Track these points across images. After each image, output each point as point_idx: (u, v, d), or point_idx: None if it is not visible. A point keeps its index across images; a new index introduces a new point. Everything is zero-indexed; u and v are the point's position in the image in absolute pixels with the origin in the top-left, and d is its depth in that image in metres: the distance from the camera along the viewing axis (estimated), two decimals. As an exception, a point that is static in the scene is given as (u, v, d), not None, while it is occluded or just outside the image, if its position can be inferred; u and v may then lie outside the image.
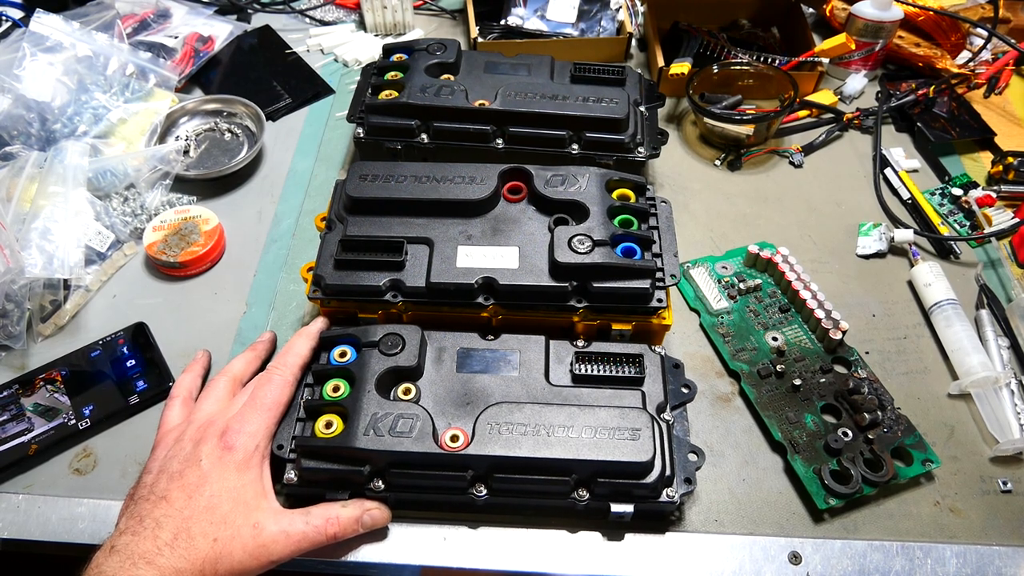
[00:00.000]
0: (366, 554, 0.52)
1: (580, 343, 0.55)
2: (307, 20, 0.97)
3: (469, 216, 0.59)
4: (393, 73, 0.74)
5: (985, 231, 0.72)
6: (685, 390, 0.55)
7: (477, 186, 0.60)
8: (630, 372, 0.53)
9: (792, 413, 0.58)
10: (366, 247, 0.57)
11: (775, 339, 0.62)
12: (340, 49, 0.92)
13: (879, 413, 0.57)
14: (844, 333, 0.61)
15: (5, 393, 0.58)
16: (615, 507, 0.50)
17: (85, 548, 0.52)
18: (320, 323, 0.57)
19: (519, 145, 0.70)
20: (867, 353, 0.63)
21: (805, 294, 0.63)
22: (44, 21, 0.78)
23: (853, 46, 0.84)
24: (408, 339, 0.53)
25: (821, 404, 0.58)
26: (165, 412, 0.53)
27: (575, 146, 0.70)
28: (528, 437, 0.48)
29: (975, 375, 0.59)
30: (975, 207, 0.73)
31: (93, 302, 0.66)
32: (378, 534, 0.53)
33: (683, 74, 0.82)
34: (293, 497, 0.54)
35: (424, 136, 0.70)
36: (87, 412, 0.57)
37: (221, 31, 0.90)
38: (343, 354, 0.53)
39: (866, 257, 0.71)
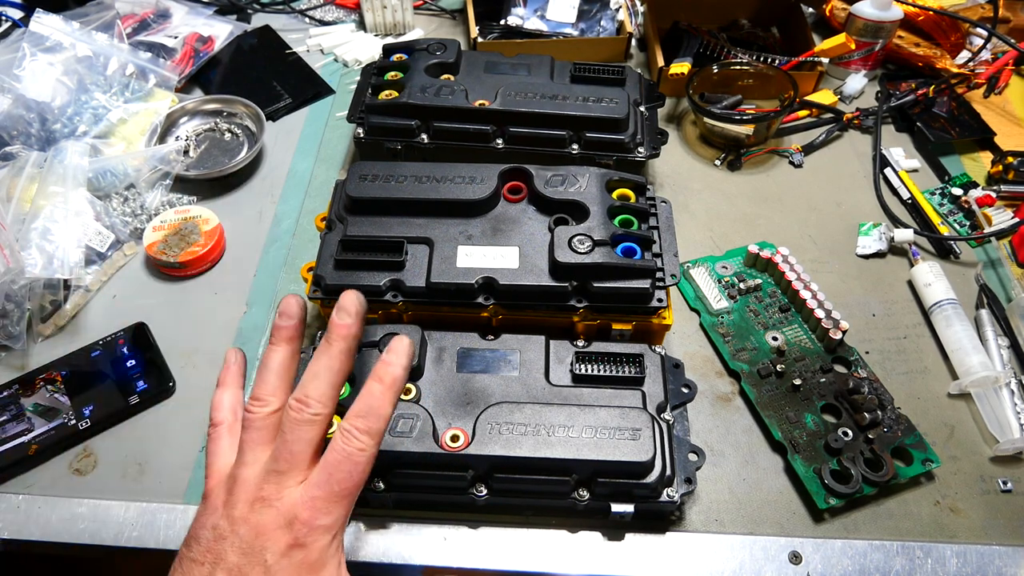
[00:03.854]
0: (366, 554, 0.52)
1: (580, 343, 0.55)
2: (307, 20, 0.97)
3: (469, 216, 0.59)
4: (393, 73, 0.74)
5: (985, 231, 0.72)
6: (685, 390, 0.55)
7: (477, 186, 0.60)
8: (630, 372, 0.53)
9: (792, 413, 0.58)
10: (366, 247, 0.57)
11: (775, 339, 0.62)
12: (340, 49, 0.92)
13: (879, 413, 0.57)
14: (844, 333, 0.61)
15: (5, 393, 0.58)
16: (615, 507, 0.50)
17: (85, 548, 0.52)
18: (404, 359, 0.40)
19: (519, 145, 0.70)
20: (867, 353, 0.63)
21: (805, 294, 0.63)
22: (44, 21, 0.78)
23: (853, 46, 0.84)
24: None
25: (821, 404, 0.58)
26: (212, 448, 0.41)
27: (575, 146, 0.70)
28: (528, 437, 0.48)
29: (975, 375, 0.59)
30: (975, 207, 0.73)
31: (93, 302, 0.66)
32: (379, 534, 0.53)
33: (683, 74, 0.82)
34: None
35: (424, 136, 0.70)
36: (87, 412, 0.57)
37: (221, 31, 0.90)
38: (343, 354, 0.53)
39: (866, 257, 0.71)
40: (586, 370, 0.53)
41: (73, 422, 0.57)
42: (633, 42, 0.92)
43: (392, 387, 0.39)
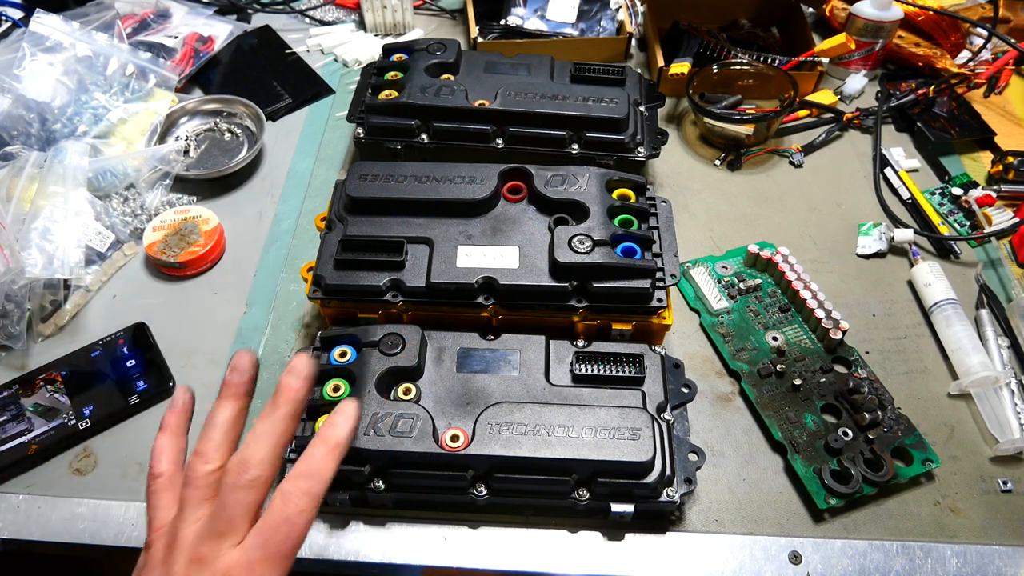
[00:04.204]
0: (366, 554, 0.52)
1: (580, 343, 0.55)
2: (307, 20, 0.97)
3: (469, 216, 0.59)
4: (393, 73, 0.74)
5: (985, 231, 0.72)
6: (685, 390, 0.55)
7: (477, 186, 0.60)
8: (630, 372, 0.53)
9: (792, 413, 0.58)
10: (366, 247, 0.57)
11: (775, 339, 0.62)
12: (340, 49, 0.92)
13: (879, 413, 0.57)
14: (844, 333, 0.61)
15: (5, 393, 0.58)
16: (615, 507, 0.50)
17: (85, 548, 0.52)
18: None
19: (519, 145, 0.70)
20: (867, 353, 0.63)
21: (805, 294, 0.63)
22: (44, 21, 0.78)
23: (853, 46, 0.84)
24: (408, 339, 0.53)
25: (821, 404, 0.58)
26: (153, 501, 0.40)
27: (575, 146, 0.70)
28: (528, 437, 0.48)
29: (975, 375, 0.59)
30: (975, 207, 0.73)
31: (93, 302, 0.66)
32: (379, 534, 0.53)
33: (683, 74, 0.82)
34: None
35: (424, 136, 0.70)
36: (87, 412, 0.57)
37: (221, 31, 0.90)
38: (343, 354, 0.53)
39: (866, 257, 0.71)
40: (586, 370, 0.53)
41: (73, 422, 0.57)
42: (633, 42, 0.92)
43: (336, 450, 0.39)
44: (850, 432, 0.56)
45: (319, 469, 0.38)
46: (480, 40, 0.87)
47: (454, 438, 0.49)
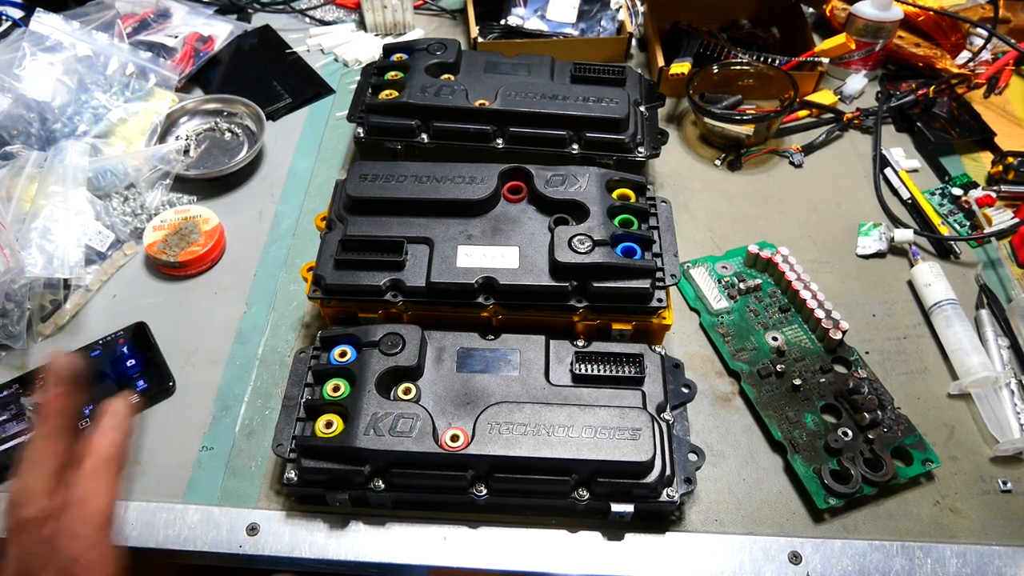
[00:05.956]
0: (366, 554, 0.52)
1: (580, 343, 0.55)
2: (307, 20, 0.97)
3: (469, 216, 0.59)
4: (393, 73, 0.74)
5: (985, 231, 0.72)
6: (685, 390, 0.55)
7: (477, 186, 0.60)
8: (630, 372, 0.53)
9: (792, 413, 0.58)
10: (366, 247, 0.57)
11: (775, 339, 0.62)
12: (340, 49, 0.92)
13: (879, 413, 0.57)
14: (844, 333, 0.61)
15: (5, 393, 0.58)
16: (615, 507, 0.50)
17: (85, 548, 0.52)
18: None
19: (519, 145, 0.70)
20: (867, 353, 0.63)
21: (805, 294, 0.63)
22: (44, 21, 0.78)
23: (853, 46, 0.84)
24: (408, 339, 0.53)
25: (821, 404, 0.58)
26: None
27: (575, 146, 0.70)
28: (528, 437, 0.48)
29: (975, 375, 0.59)
30: (975, 207, 0.73)
31: (93, 302, 0.66)
32: (379, 534, 0.53)
33: (683, 74, 0.82)
34: (295, 497, 0.54)
35: (424, 136, 0.70)
36: (87, 412, 0.57)
37: (221, 31, 0.90)
38: (343, 354, 0.53)
39: (866, 257, 0.71)
40: (586, 370, 0.53)
41: (73, 422, 0.57)
42: (633, 42, 0.92)
43: (107, 467, 0.38)
44: (850, 432, 0.56)
45: (87, 497, 0.38)
46: (480, 40, 0.87)
47: (454, 438, 0.49)
